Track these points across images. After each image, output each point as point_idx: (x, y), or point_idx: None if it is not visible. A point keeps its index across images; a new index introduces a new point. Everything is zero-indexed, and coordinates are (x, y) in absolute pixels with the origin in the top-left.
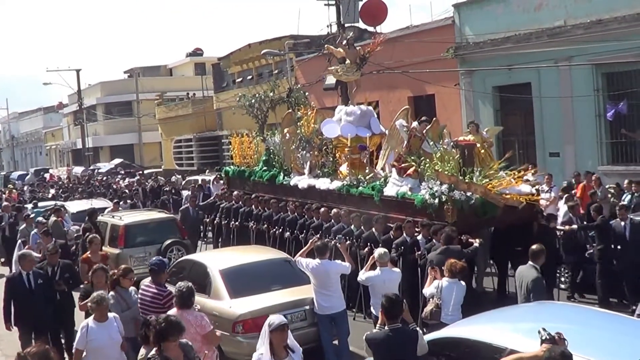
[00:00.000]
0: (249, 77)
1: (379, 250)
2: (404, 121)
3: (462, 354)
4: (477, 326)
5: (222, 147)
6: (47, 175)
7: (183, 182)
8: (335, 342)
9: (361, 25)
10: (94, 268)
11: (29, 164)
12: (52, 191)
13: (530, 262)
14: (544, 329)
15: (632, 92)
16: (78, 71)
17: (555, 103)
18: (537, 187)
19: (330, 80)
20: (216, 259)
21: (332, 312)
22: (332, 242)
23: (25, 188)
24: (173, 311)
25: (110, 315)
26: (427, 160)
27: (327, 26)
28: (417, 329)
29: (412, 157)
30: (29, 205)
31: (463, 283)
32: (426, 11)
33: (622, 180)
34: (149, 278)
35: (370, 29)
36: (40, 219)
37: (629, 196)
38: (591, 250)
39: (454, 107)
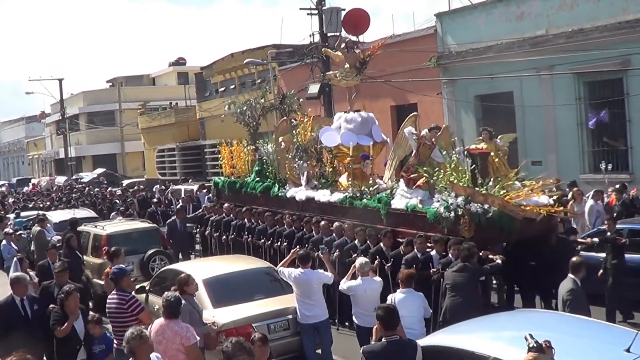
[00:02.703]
0: (232, 86)
1: (360, 260)
2: (413, 128)
3: None
4: (459, 335)
5: (205, 157)
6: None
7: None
8: (319, 351)
9: (344, 34)
10: (64, 290)
11: (11, 173)
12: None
13: (570, 275)
14: (531, 336)
15: (613, 101)
16: (61, 80)
17: (537, 112)
18: (556, 197)
19: (313, 89)
20: (199, 269)
21: (315, 321)
22: (335, 255)
23: (10, 198)
24: (159, 321)
25: (153, 356)
26: (441, 170)
27: (310, 35)
28: (417, 341)
29: (425, 168)
30: (11, 215)
31: (419, 293)
32: (409, 20)
33: (605, 189)
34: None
35: (353, 38)
36: (8, 229)
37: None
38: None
39: (436, 117)
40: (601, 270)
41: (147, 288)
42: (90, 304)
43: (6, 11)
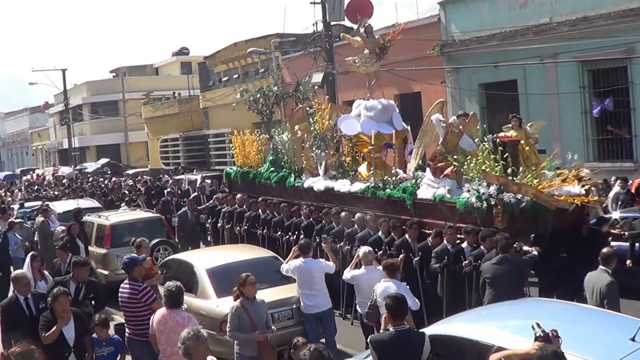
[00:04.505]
0: (235, 75)
1: (364, 249)
2: (441, 115)
3: (449, 352)
4: (464, 324)
5: (208, 146)
6: (34, 175)
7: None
8: (323, 340)
9: (347, 23)
10: (54, 293)
11: (15, 164)
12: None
13: (601, 267)
14: (538, 325)
15: (617, 89)
16: (64, 71)
17: (541, 100)
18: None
19: (316, 78)
20: (203, 258)
21: (318, 311)
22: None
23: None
24: (162, 311)
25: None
26: (472, 158)
27: (313, 24)
28: (424, 331)
29: (455, 156)
30: (16, 206)
31: (404, 284)
32: (412, 9)
33: (609, 177)
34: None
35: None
36: (12, 220)
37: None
38: None
39: None
40: (629, 261)
41: None
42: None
43: (9, 2)
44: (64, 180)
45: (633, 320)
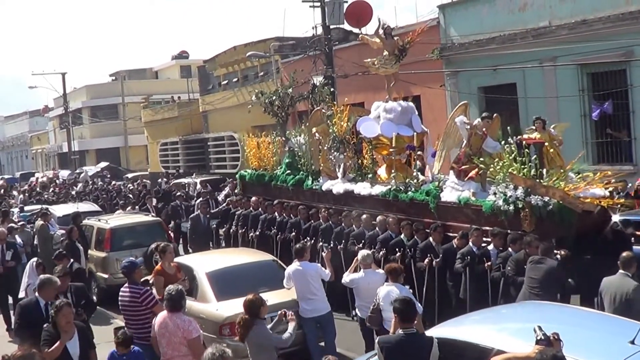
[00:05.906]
0: (235, 79)
1: (362, 252)
2: (465, 117)
3: (448, 355)
4: (464, 327)
5: (208, 150)
6: (32, 179)
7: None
8: (322, 343)
9: (346, 26)
10: (55, 305)
11: (14, 168)
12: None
13: (621, 271)
14: (539, 328)
15: (616, 92)
16: (64, 74)
17: (540, 103)
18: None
19: (316, 81)
20: (203, 262)
21: (317, 315)
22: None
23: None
24: (163, 314)
25: None
26: (499, 161)
27: (312, 28)
28: (433, 336)
29: (482, 159)
30: (16, 210)
31: (406, 287)
32: (411, 12)
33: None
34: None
35: (356, 30)
36: (12, 225)
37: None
38: None
39: (439, 109)
40: None
41: (150, 281)
42: (95, 298)
43: (9, 5)
44: (79, 184)
45: (633, 323)
